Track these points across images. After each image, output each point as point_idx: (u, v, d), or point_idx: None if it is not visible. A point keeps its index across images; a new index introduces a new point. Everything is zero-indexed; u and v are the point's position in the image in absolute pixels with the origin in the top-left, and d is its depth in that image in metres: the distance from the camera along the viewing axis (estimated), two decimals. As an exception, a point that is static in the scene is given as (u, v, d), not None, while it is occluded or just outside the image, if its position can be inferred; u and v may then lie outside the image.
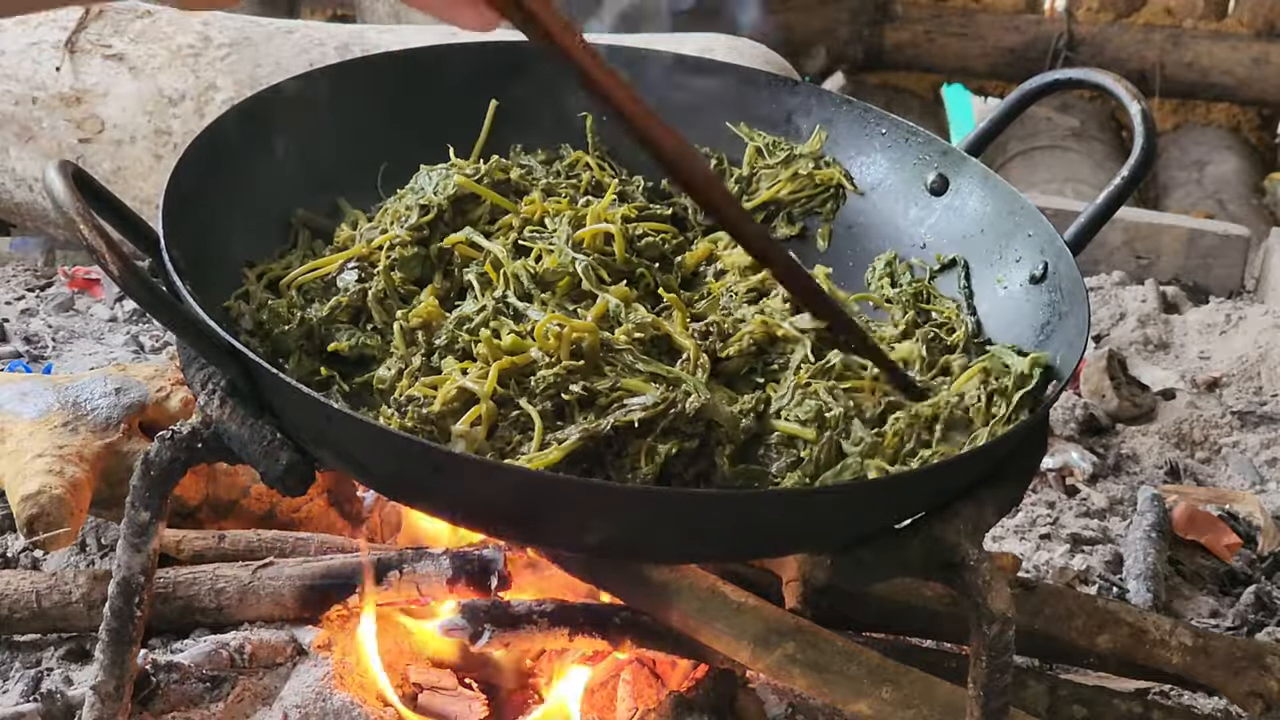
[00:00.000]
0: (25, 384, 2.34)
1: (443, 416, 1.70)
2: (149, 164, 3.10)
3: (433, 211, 1.99)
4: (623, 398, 1.73)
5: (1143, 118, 1.95)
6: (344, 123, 2.06)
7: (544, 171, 2.13)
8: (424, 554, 2.17)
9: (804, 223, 2.17)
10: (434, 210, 1.99)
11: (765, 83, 2.23)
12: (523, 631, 2.07)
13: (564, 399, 1.71)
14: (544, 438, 1.68)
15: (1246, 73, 5.05)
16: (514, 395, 1.72)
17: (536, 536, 1.77)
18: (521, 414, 1.70)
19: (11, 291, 3.22)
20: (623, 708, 2.09)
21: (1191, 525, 2.71)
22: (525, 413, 1.70)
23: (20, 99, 3.13)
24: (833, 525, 1.65)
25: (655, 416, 1.70)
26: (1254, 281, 3.65)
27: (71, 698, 2.07)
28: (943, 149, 2.11)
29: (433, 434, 1.68)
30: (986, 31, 5.17)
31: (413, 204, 2.00)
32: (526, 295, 1.90)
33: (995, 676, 1.70)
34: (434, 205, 2.00)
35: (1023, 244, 1.99)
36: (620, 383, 1.74)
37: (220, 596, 2.18)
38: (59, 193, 1.57)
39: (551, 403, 1.72)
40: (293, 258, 1.97)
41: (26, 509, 2.12)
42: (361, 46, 3.15)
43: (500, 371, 1.73)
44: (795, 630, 1.98)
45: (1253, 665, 2.14)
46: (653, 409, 1.70)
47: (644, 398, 1.72)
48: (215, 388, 1.68)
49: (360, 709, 1.99)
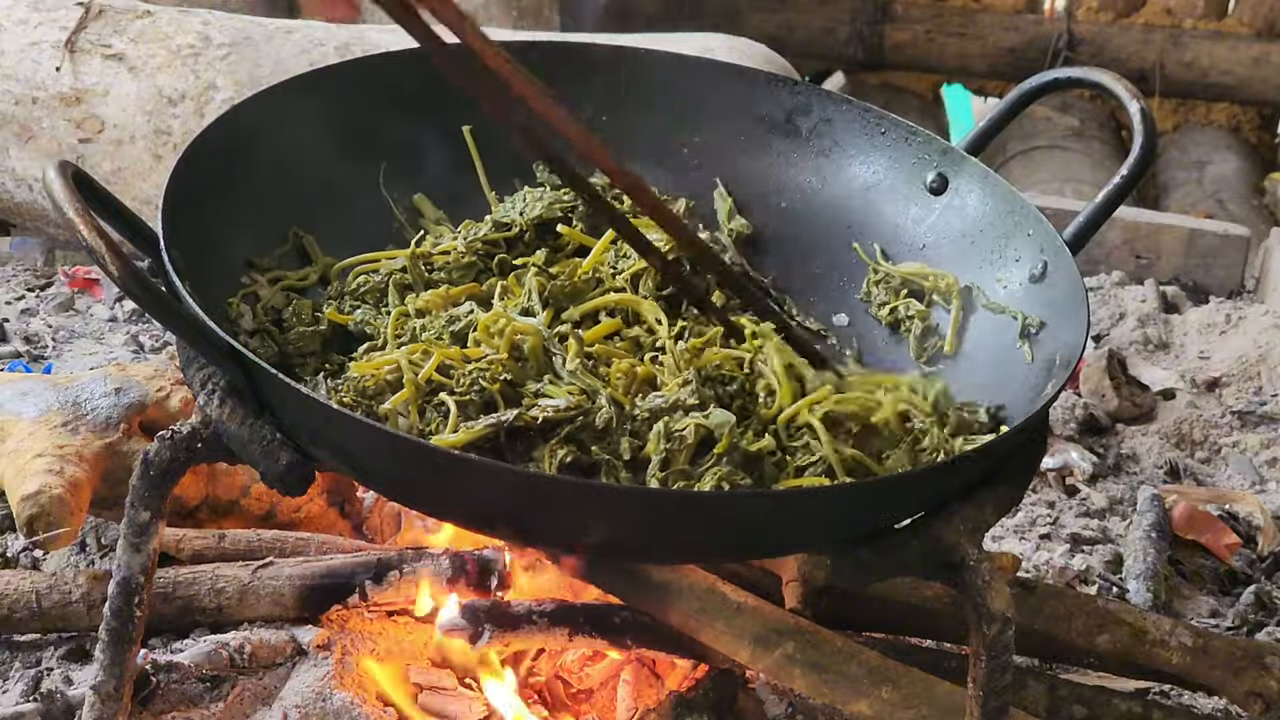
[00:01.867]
0: (25, 384, 2.34)
1: (380, 393, 1.74)
2: (149, 164, 3.10)
3: (513, 230, 2.05)
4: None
5: (1142, 117, 1.95)
6: (344, 122, 2.06)
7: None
8: (424, 554, 2.17)
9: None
10: (515, 229, 2.05)
11: (765, 83, 2.23)
12: (523, 631, 2.07)
13: (488, 391, 1.74)
14: (457, 425, 1.71)
15: (1246, 73, 5.04)
16: (447, 384, 1.75)
17: (536, 536, 1.77)
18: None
19: (11, 291, 3.22)
20: (623, 708, 2.09)
21: (1191, 525, 2.71)
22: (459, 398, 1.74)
23: (20, 99, 3.13)
24: (832, 525, 1.65)
25: (561, 420, 1.71)
26: (1254, 281, 3.65)
27: (71, 698, 2.07)
28: (942, 148, 2.11)
29: (369, 409, 1.71)
30: (986, 31, 5.16)
31: (493, 219, 2.06)
32: (543, 307, 1.93)
33: (995, 676, 1.70)
34: (516, 225, 2.05)
35: (1022, 243, 1.99)
36: (544, 388, 1.76)
37: (220, 596, 2.18)
38: (58, 193, 1.57)
39: (480, 395, 1.74)
40: (311, 271, 2.00)
41: (26, 509, 2.12)
42: (362, 46, 3.15)
43: (443, 359, 1.77)
44: (795, 630, 1.98)
45: (1253, 665, 2.14)
46: (560, 412, 1.72)
47: (556, 400, 1.73)
48: (215, 388, 1.69)
49: (360, 709, 1.99)
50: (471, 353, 1.80)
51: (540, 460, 1.69)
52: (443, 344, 1.82)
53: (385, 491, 1.78)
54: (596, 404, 1.75)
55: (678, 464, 1.72)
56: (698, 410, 1.76)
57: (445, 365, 1.78)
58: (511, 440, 1.71)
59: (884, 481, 1.69)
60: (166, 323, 1.62)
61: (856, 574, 1.65)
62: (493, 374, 1.77)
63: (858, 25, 5.17)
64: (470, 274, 1.99)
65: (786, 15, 5.17)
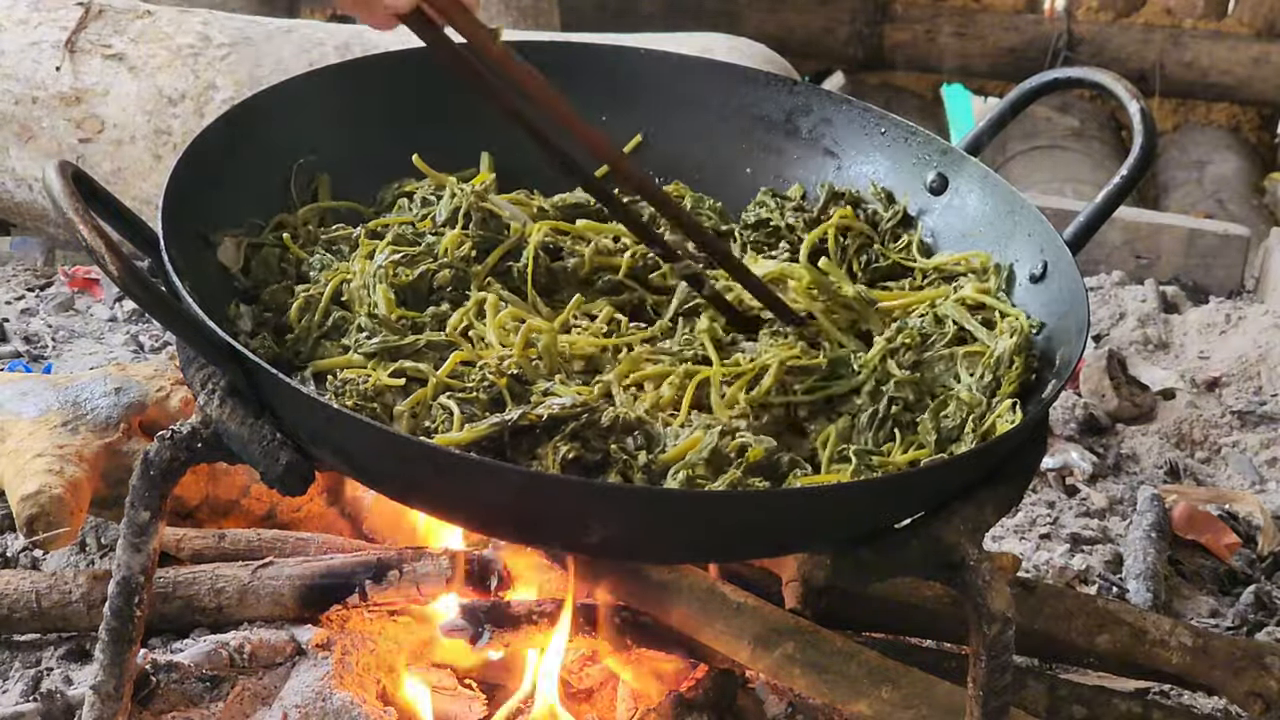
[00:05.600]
0: (25, 384, 2.34)
1: (380, 394, 1.73)
2: (149, 164, 3.10)
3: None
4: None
5: (1142, 117, 1.95)
6: (343, 122, 2.06)
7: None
8: (424, 554, 2.17)
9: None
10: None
11: (765, 83, 2.23)
12: (523, 631, 2.07)
13: (497, 388, 1.73)
14: (461, 424, 1.70)
15: (1246, 73, 5.04)
16: (453, 384, 1.75)
17: (536, 536, 1.77)
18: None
19: (11, 291, 3.22)
20: (623, 708, 2.09)
21: (1191, 525, 2.71)
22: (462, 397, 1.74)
23: (20, 99, 3.13)
24: (832, 525, 1.65)
25: (566, 417, 1.70)
26: (1254, 281, 3.65)
27: (71, 697, 2.07)
28: (942, 148, 2.12)
29: (374, 411, 1.70)
30: (986, 31, 5.16)
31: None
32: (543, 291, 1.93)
33: (995, 676, 1.70)
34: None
35: (1022, 243, 1.99)
36: (554, 387, 1.75)
37: (220, 596, 2.18)
38: (58, 193, 1.57)
39: (487, 394, 1.74)
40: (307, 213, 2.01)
41: (26, 509, 2.12)
42: (361, 46, 3.15)
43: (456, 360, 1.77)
44: (795, 630, 1.98)
45: (1253, 665, 2.14)
46: (567, 410, 1.71)
47: (563, 399, 1.72)
48: (215, 388, 1.69)
49: (360, 709, 1.99)
50: (484, 353, 1.79)
51: (543, 458, 1.69)
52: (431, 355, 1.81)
53: (386, 491, 1.77)
54: (600, 404, 1.74)
55: (699, 471, 1.71)
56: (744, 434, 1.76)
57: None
58: (515, 438, 1.70)
59: (884, 481, 1.69)
60: (166, 323, 1.62)
61: (856, 574, 1.65)
62: (500, 371, 1.76)
63: (858, 25, 5.17)
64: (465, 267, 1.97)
65: (786, 15, 5.17)
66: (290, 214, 2.00)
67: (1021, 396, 1.82)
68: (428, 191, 2.05)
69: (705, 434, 1.71)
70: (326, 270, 1.91)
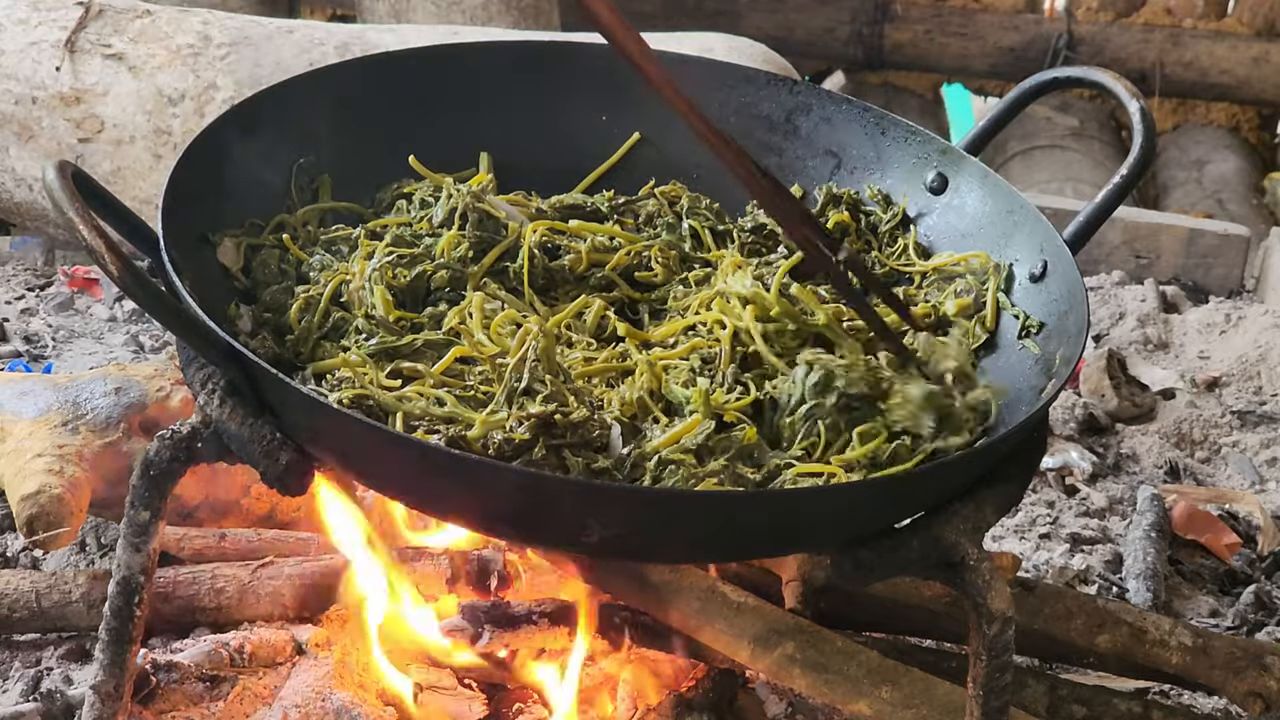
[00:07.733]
0: (25, 384, 2.34)
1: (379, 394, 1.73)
2: (149, 164, 3.10)
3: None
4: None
5: (1141, 116, 1.95)
6: (343, 123, 2.06)
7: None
8: (424, 554, 2.17)
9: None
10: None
11: (765, 82, 2.23)
12: (523, 631, 2.07)
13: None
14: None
15: (1246, 72, 5.04)
16: (451, 383, 1.75)
17: (536, 536, 1.77)
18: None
19: (11, 291, 3.22)
20: (623, 708, 2.09)
21: (1191, 525, 2.71)
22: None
23: (20, 99, 3.13)
24: (832, 525, 1.65)
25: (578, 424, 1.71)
26: (1254, 281, 3.65)
27: (71, 697, 2.07)
28: (942, 148, 2.11)
29: (371, 408, 1.70)
30: (986, 31, 5.16)
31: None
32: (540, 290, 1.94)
33: (995, 676, 1.70)
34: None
35: (1022, 243, 1.99)
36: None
37: (220, 596, 2.18)
38: (58, 193, 1.57)
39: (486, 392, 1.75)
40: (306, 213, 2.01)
41: (26, 509, 2.12)
42: (361, 46, 3.15)
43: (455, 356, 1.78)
44: (795, 630, 1.98)
45: (1252, 665, 2.14)
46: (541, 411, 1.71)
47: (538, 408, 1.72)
48: (215, 388, 1.69)
49: (360, 709, 1.99)
50: (484, 351, 1.79)
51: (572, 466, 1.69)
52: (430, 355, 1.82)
53: (386, 491, 1.77)
54: (574, 403, 1.74)
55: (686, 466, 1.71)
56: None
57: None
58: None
59: (884, 481, 1.69)
60: (166, 323, 1.62)
61: (856, 574, 1.65)
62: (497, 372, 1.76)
63: (858, 25, 5.17)
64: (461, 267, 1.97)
65: (786, 15, 5.17)
66: (290, 214, 2.00)
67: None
68: (426, 193, 2.05)
69: (703, 421, 1.72)
70: (326, 271, 1.91)
